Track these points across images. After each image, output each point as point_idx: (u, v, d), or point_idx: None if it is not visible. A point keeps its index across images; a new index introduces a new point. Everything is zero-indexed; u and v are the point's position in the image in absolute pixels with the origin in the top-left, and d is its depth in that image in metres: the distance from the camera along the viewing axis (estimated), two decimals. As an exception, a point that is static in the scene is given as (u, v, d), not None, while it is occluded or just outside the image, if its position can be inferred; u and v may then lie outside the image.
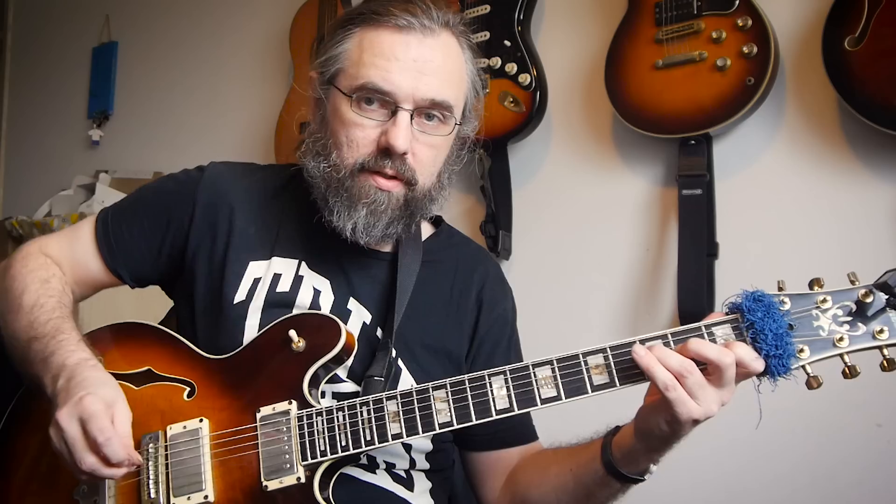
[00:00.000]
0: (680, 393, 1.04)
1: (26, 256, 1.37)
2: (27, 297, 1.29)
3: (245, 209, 1.37)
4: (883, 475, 1.91)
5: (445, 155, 1.31)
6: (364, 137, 1.24)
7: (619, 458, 1.18)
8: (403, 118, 1.22)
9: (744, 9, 2.04)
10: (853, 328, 1.05)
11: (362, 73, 1.23)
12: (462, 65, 1.29)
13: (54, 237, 1.43)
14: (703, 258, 2.11)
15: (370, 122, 1.24)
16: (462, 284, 1.42)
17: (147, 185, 1.48)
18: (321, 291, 1.33)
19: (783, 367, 1.04)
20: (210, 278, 1.34)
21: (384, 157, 1.23)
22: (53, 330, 1.23)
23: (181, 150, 3.31)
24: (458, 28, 1.29)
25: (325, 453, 1.16)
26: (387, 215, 1.26)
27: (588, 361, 1.10)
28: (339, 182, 1.26)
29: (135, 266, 1.40)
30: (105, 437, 1.09)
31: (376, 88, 1.22)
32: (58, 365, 1.18)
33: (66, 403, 1.11)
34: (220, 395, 1.23)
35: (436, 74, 1.23)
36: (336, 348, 1.21)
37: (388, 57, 1.22)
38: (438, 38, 1.24)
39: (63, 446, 1.11)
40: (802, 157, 2.10)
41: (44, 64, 3.89)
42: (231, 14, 3.32)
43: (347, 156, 1.25)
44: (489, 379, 1.13)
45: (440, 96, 1.24)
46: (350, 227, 1.26)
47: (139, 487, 1.21)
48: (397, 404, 1.15)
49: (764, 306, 1.05)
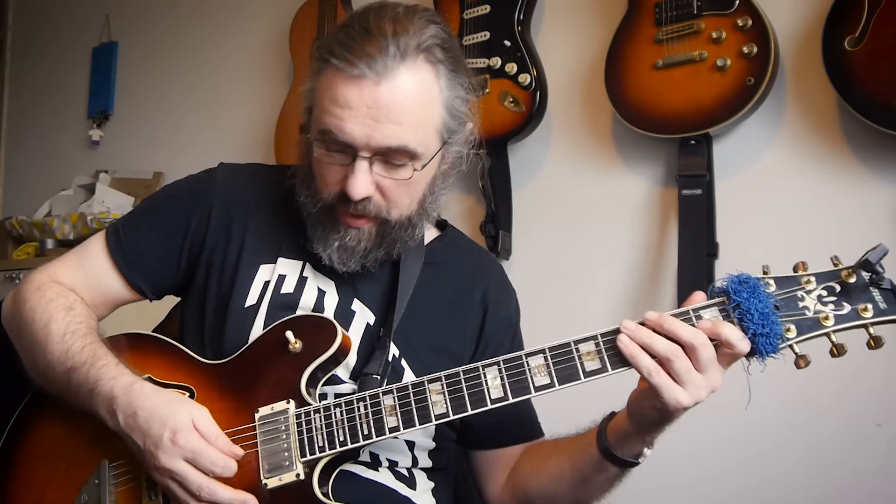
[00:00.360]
0: (664, 378, 1.05)
1: (41, 287, 1.34)
2: (55, 326, 1.28)
3: (258, 212, 1.37)
4: (883, 475, 1.91)
5: (425, 184, 1.28)
6: (331, 176, 1.23)
7: (613, 442, 1.19)
8: (361, 166, 1.19)
9: (744, 9, 2.04)
10: (838, 307, 1.06)
11: (322, 119, 1.20)
12: (430, 95, 1.21)
13: (61, 263, 1.40)
14: (703, 258, 2.11)
15: (333, 165, 1.22)
16: (465, 286, 1.42)
17: (154, 193, 1.47)
18: (326, 292, 1.33)
19: (771, 346, 1.05)
20: (222, 281, 1.34)
21: (347, 201, 1.22)
22: (91, 356, 1.23)
23: (181, 150, 3.31)
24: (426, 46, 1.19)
25: (323, 449, 1.16)
26: (360, 248, 1.27)
27: (580, 348, 1.11)
28: (316, 214, 1.27)
29: (155, 277, 1.39)
30: (221, 466, 1.13)
31: (333, 137, 1.19)
32: (107, 395, 1.18)
33: (160, 448, 1.13)
34: (219, 398, 1.23)
35: (392, 120, 1.17)
36: (332, 349, 1.22)
37: (342, 105, 1.17)
38: (395, 79, 1.16)
39: (172, 483, 1.14)
40: (802, 157, 2.10)
41: (44, 64, 3.89)
42: (231, 14, 3.32)
43: (321, 189, 1.25)
44: (483, 370, 1.14)
45: (397, 142, 1.18)
46: (326, 257, 1.28)
47: (139, 491, 1.22)
48: (394, 398, 1.16)
49: (749, 287, 1.07)
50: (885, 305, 1.05)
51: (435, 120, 1.23)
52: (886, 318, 1.05)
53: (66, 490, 1.26)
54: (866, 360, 1.85)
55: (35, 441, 1.32)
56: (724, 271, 2.11)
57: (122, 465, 1.24)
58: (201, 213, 1.36)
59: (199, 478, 1.12)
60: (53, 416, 1.31)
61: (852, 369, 1.89)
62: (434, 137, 1.24)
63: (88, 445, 1.27)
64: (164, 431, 1.13)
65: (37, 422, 1.34)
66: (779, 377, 1.10)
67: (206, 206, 1.37)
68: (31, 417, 1.35)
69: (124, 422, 1.17)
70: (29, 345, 1.31)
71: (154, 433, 1.14)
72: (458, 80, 1.25)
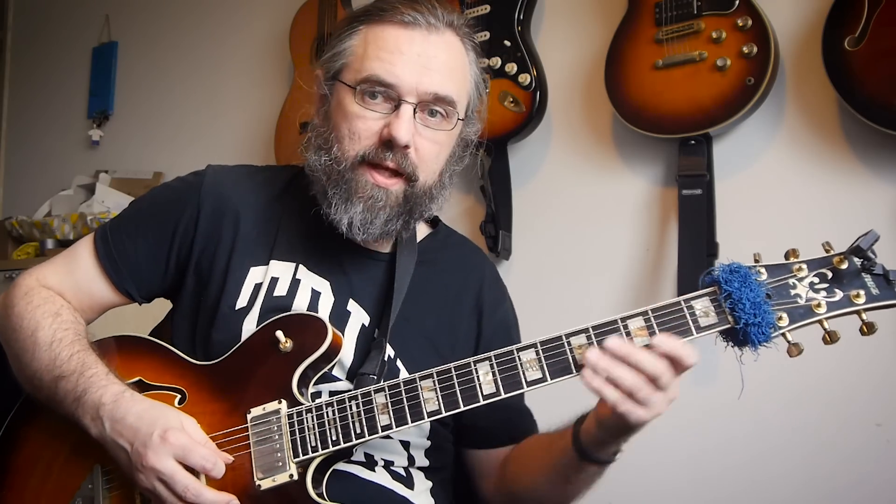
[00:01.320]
0: (629, 405, 1.06)
1: (28, 292, 1.33)
2: (42, 333, 1.27)
3: (248, 214, 1.36)
4: (883, 475, 1.91)
5: (448, 152, 1.31)
6: (366, 129, 1.24)
7: (588, 445, 1.19)
8: (406, 111, 1.23)
9: (744, 9, 2.04)
10: (830, 294, 1.06)
11: (366, 66, 1.24)
12: (466, 65, 1.30)
13: (50, 266, 1.39)
14: (703, 258, 2.10)
15: (373, 114, 1.24)
16: (459, 286, 1.42)
17: (142, 197, 1.46)
18: (321, 293, 1.32)
19: (763, 335, 1.05)
20: (212, 284, 1.33)
21: (386, 150, 1.24)
22: (79, 365, 1.23)
23: (181, 150, 3.31)
24: (463, 30, 1.30)
25: (316, 449, 1.16)
26: (384, 212, 1.26)
27: (571, 342, 1.11)
28: (339, 174, 1.26)
29: (143, 281, 1.38)
30: (212, 462, 1.13)
31: (380, 81, 1.23)
32: (93, 404, 1.18)
33: (149, 447, 1.12)
34: (210, 400, 1.23)
35: (439, 70, 1.24)
36: (322, 347, 1.21)
37: (392, 51, 1.23)
38: (443, 36, 1.26)
39: (158, 485, 1.13)
40: (802, 157, 2.10)
41: (44, 64, 3.89)
42: (231, 14, 3.32)
43: (349, 148, 1.25)
44: (475, 366, 1.14)
45: (443, 90, 1.24)
46: (346, 222, 1.26)
47: (132, 495, 1.21)
48: (385, 396, 1.16)
49: (740, 276, 1.06)
50: (877, 291, 1.05)
51: (468, 87, 1.31)
52: (879, 304, 1.05)
53: (60, 495, 1.26)
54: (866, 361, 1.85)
55: (28, 447, 1.32)
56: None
57: (114, 469, 1.23)
58: (189, 215, 1.35)
59: (185, 477, 1.12)
60: (46, 422, 1.30)
61: (852, 369, 1.89)
62: (464, 102, 1.31)
63: (81, 450, 1.26)
64: (155, 430, 1.13)
65: (30, 427, 1.33)
66: (779, 377, 1.10)
67: (193, 208, 1.36)
68: (23, 423, 1.34)
69: (111, 427, 1.16)
70: (17, 352, 1.30)
71: (143, 432, 1.14)
72: (480, 72, 1.33)
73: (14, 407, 1.35)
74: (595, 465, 1.21)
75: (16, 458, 1.32)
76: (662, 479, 2.12)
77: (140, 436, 1.14)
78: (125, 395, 1.19)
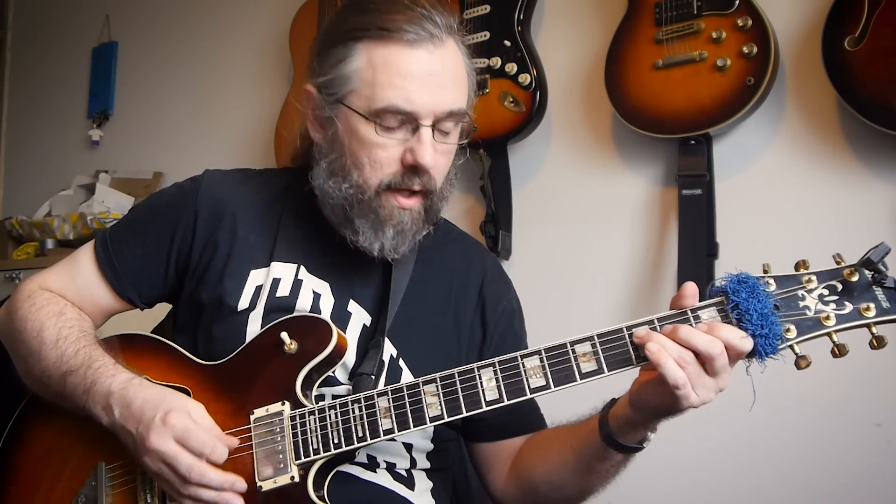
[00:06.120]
0: (687, 389, 1.04)
1: (30, 296, 1.34)
2: (47, 333, 1.28)
3: (246, 217, 1.36)
4: (882, 475, 1.91)
5: (454, 155, 1.32)
6: (388, 157, 1.23)
7: (616, 430, 1.18)
8: (426, 135, 1.21)
9: (744, 9, 2.04)
10: (840, 307, 1.05)
11: (381, 96, 1.20)
12: (464, 67, 1.29)
13: (52, 272, 1.40)
14: (703, 258, 2.11)
15: (393, 141, 1.22)
16: (460, 282, 1.42)
17: (141, 203, 1.46)
18: (321, 295, 1.32)
19: (770, 347, 1.04)
20: (213, 288, 1.33)
21: (412, 175, 1.23)
22: (86, 359, 1.23)
23: (181, 150, 3.31)
24: (458, 29, 1.29)
25: (317, 451, 1.16)
26: (411, 232, 1.27)
27: (576, 350, 1.10)
28: (365, 204, 1.25)
29: (143, 287, 1.38)
30: (210, 447, 1.12)
31: (399, 110, 1.20)
32: (103, 393, 1.18)
33: (151, 430, 1.12)
34: (214, 400, 1.23)
35: (449, 85, 1.23)
36: (327, 350, 1.21)
37: (405, 76, 1.19)
38: (446, 47, 1.23)
39: (163, 467, 1.12)
40: (802, 157, 2.10)
41: (44, 64, 3.89)
42: (231, 14, 3.32)
43: (371, 176, 1.24)
44: (478, 371, 1.13)
45: (456, 105, 1.23)
46: (377, 248, 1.26)
47: (135, 492, 1.21)
48: (388, 400, 1.16)
49: (748, 287, 1.05)
50: (888, 304, 1.03)
51: (469, 90, 1.29)
52: (890, 318, 1.03)
53: (63, 493, 1.26)
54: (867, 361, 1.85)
55: (32, 445, 1.32)
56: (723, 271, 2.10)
57: (118, 466, 1.24)
58: (186, 221, 1.35)
59: (187, 458, 1.12)
60: (50, 421, 1.31)
61: (853, 369, 1.89)
62: (469, 104, 1.29)
63: (84, 448, 1.27)
64: (157, 413, 1.13)
65: (33, 426, 1.34)
66: (779, 378, 1.10)
67: (191, 214, 1.35)
68: (27, 422, 1.34)
69: (120, 414, 1.16)
70: (23, 354, 1.30)
71: (147, 416, 1.14)
72: (471, 63, 1.31)
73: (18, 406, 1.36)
74: (619, 454, 1.20)
75: (21, 456, 1.32)
76: (662, 480, 2.12)
77: (144, 419, 1.14)
78: (133, 381, 1.19)
